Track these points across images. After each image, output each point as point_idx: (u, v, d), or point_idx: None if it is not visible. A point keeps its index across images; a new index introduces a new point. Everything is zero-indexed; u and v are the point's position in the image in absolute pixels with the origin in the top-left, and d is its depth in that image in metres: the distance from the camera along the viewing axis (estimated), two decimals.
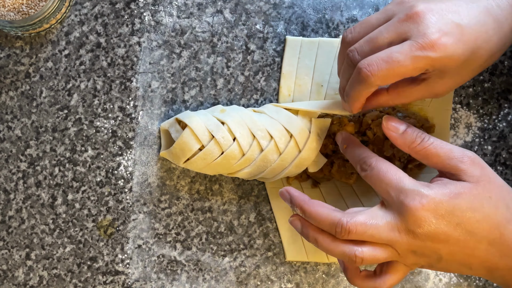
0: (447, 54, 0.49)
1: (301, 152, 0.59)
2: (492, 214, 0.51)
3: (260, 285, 0.65)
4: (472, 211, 0.51)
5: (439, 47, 0.49)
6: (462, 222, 0.51)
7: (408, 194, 0.51)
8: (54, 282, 0.64)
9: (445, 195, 0.51)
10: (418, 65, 0.50)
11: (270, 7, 0.65)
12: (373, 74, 0.50)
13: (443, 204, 0.50)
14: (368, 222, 0.51)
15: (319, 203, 0.54)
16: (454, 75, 0.52)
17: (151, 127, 0.64)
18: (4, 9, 0.60)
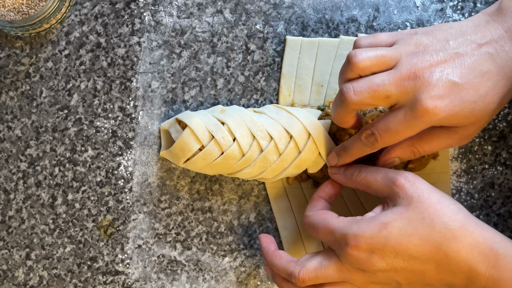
0: (442, 115, 0.50)
1: (301, 153, 0.59)
2: (428, 235, 0.51)
3: (260, 285, 0.65)
4: (407, 237, 0.51)
5: (433, 113, 0.50)
6: (400, 250, 0.51)
7: (339, 239, 0.53)
8: (54, 282, 0.64)
9: (374, 228, 0.52)
10: (415, 130, 0.52)
11: (270, 7, 0.65)
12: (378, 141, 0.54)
13: (374, 239, 0.51)
14: (318, 268, 0.54)
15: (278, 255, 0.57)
16: (471, 124, 0.53)
17: (151, 127, 0.64)
18: (4, 9, 0.60)
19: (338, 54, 0.64)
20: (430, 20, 0.65)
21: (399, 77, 0.51)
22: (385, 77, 0.51)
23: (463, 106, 0.51)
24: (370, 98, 0.52)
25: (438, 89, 0.50)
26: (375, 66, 0.52)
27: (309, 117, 0.60)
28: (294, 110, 0.61)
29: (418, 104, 0.50)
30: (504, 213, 0.64)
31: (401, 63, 0.52)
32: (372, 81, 0.52)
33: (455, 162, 0.64)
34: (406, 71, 0.51)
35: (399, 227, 0.51)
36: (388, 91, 0.51)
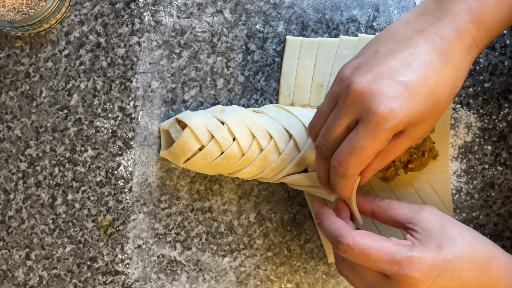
0: (402, 116, 0.48)
1: (301, 152, 0.59)
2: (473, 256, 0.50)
3: (260, 285, 0.65)
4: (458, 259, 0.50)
5: (390, 116, 0.48)
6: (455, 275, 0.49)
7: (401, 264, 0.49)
8: (54, 282, 0.64)
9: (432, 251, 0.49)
10: (381, 139, 0.49)
11: (270, 7, 0.65)
12: (349, 168, 0.50)
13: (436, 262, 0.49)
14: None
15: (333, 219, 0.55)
16: (427, 119, 0.51)
17: (151, 127, 0.64)
18: (4, 9, 0.60)
19: (338, 54, 0.64)
20: None
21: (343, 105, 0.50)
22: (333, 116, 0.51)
23: (417, 102, 0.49)
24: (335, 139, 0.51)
25: (387, 92, 0.48)
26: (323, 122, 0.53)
27: (310, 115, 0.60)
28: (294, 109, 0.61)
29: (372, 112, 0.48)
30: (504, 213, 0.64)
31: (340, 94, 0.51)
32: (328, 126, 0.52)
33: (455, 162, 0.64)
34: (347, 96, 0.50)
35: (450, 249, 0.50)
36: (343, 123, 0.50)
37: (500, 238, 0.65)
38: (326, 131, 0.52)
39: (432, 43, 0.50)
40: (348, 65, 0.52)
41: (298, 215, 0.65)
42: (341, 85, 0.51)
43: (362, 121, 0.49)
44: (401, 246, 0.50)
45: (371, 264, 0.50)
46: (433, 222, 0.51)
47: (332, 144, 0.52)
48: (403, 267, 0.49)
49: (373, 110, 0.48)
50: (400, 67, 0.49)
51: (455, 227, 0.51)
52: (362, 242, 0.50)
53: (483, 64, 0.65)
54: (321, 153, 0.53)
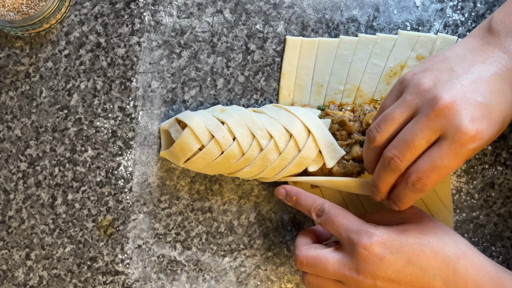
0: (486, 138, 0.49)
1: (301, 151, 0.59)
2: (440, 249, 0.51)
3: (260, 285, 0.65)
4: (421, 246, 0.51)
5: (477, 137, 0.48)
6: (413, 259, 0.51)
7: (357, 232, 0.52)
8: (54, 282, 0.64)
9: (392, 232, 0.52)
10: (463, 158, 0.49)
11: (270, 7, 0.65)
12: (428, 185, 0.50)
13: (391, 241, 0.51)
14: (320, 256, 0.54)
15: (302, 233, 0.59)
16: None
17: (151, 127, 0.64)
18: (4, 9, 0.60)
19: (338, 54, 0.64)
20: (430, 20, 0.65)
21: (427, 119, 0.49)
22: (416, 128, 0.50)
23: (496, 127, 0.50)
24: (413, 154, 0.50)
25: (473, 112, 0.49)
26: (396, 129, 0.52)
27: (310, 115, 0.60)
28: (294, 109, 0.61)
29: (460, 131, 0.48)
30: (504, 213, 0.64)
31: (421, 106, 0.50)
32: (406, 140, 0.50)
33: None
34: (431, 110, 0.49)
35: (415, 236, 0.51)
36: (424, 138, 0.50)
37: (500, 238, 0.65)
38: (404, 144, 0.50)
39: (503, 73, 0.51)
40: (425, 76, 0.51)
41: (298, 215, 0.65)
42: (424, 97, 0.50)
43: (446, 139, 0.49)
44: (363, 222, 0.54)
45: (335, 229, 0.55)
46: (413, 215, 0.54)
47: (409, 158, 0.51)
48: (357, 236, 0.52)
49: (462, 129, 0.48)
50: (480, 90, 0.49)
51: (433, 224, 0.53)
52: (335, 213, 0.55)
53: None
54: (392, 165, 0.52)
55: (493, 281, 0.50)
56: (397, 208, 0.55)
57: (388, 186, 0.54)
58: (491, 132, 0.49)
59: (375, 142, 0.53)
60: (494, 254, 0.65)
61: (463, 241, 0.53)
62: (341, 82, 0.64)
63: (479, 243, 0.64)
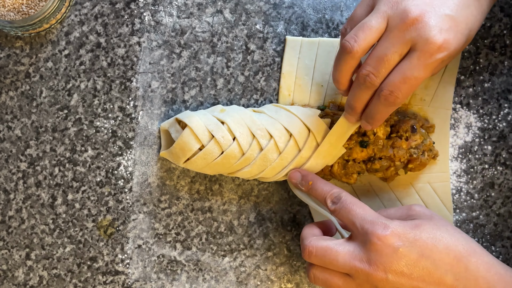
0: (452, 48, 0.51)
1: (301, 151, 0.59)
2: (453, 245, 0.51)
3: (260, 285, 0.65)
4: (434, 241, 0.51)
5: (444, 47, 0.50)
6: (426, 253, 0.50)
7: (372, 223, 0.52)
8: (54, 282, 0.64)
9: (407, 225, 0.51)
10: (432, 69, 0.51)
11: (270, 7, 0.65)
12: (399, 97, 0.52)
13: (406, 234, 0.51)
14: (330, 247, 0.53)
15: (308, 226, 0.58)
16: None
17: (151, 127, 0.64)
18: (4, 9, 0.60)
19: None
20: None
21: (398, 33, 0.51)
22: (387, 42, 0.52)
23: (461, 38, 0.52)
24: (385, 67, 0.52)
25: (441, 24, 0.50)
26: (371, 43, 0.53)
27: (310, 114, 0.60)
28: (293, 108, 0.61)
29: (429, 42, 0.50)
30: (504, 213, 0.64)
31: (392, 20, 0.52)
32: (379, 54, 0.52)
33: (455, 162, 0.64)
34: (401, 23, 0.51)
35: (429, 230, 0.51)
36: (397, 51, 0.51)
37: (500, 238, 0.65)
38: (378, 59, 0.52)
39: None
40: None
41: (298, 215, 0.65)
42: (395, 9, 0.52)
43: (416, 50, 0.51)
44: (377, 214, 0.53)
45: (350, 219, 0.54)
46: (424, 214, 0.54)
47: (383, 73, 0.52)
48: (372, 227, 0.51)
49: (431, 39, 0.50)
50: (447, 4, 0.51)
51: (444, 221, 0.53)
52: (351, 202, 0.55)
53: (483, 64, 0.65)
54: (367, 82, 0.53)
55: (503, 280, 0.50)
56: (369, 127, 0.56)
57: (363, 104, 0.55)
58: (457, 43, 0.51)
59: (352, 52, 0.53)
60: (494, 254, 0.65)
61: (473, 240, 0.53)
62: None
63: (479, 243, 0.64)
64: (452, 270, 0.50)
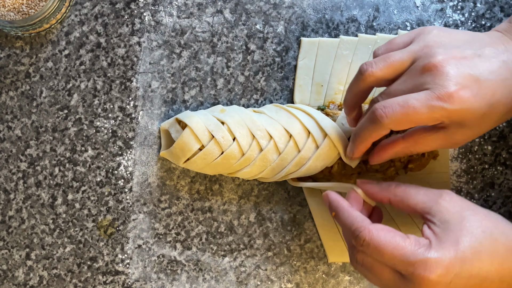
0: (463, 106, 0.48)
1: (300, 152, 0.59)
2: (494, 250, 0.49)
3: (260, 285, 0.65)
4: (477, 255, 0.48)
5: (456, 100, 0.48)
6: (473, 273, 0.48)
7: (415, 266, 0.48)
8: (54, 282, 0.64)
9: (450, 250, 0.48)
10: (434, 115, 0.49)
11: (270, 7, 0.65)
12: (388, 116, 0.50)
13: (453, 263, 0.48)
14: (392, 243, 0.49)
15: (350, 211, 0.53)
16: (473, 127, 0.51)
17: (151, 127, 0.64)
18: (4, 9, 0.60)
19: (338, 54, 0.64)
20: (430, 20, 0.65)
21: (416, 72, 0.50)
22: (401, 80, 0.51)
23: (481, 105, 0.49)
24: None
25: (461, 79, 0.49)
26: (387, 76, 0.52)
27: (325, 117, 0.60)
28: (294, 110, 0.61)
29: (442, 87, 0.48)
30: (504, 213, 0.64)
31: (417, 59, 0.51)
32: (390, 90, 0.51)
33: (455, 162, 0.64)
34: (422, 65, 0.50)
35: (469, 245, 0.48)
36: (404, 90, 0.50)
37: None
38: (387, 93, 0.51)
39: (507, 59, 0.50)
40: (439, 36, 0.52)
41: (298, 215, 0.65)
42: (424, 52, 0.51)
43: (428, 90, 0.49)
44: (418, 246, 0.48)
45: (386, 261, 0.49)
46: (452, 213, 0.50)
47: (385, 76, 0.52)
48: (418, 269, 0.47)
49: (446, 86, 0.48)
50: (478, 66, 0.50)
51: (476, 217, 0.50)
52: (379, 238, 0.49)
53: None
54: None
55: None
56: (351, 150, 0.56)
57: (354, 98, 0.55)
58: (473, 104, 0.49)
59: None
60: None
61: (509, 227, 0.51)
62: (341, 82, 0.64)
63: None
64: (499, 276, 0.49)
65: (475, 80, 0.49)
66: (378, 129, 0.52)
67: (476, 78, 0.49)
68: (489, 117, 0.50)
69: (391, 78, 0.52)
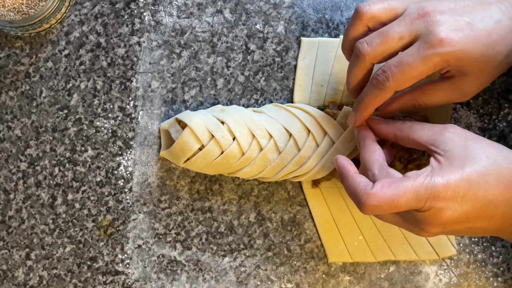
0: (456, 48, 0.49)
1: (300, 151, 0.59)
2: (498, 173, 0.49)
3: (260, 285, 0.65)
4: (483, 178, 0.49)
5: (447, 42, 0.49)
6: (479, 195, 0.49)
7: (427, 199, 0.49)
8: (54, 282, 0.64)
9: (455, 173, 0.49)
10: (429, 63, 0.50)
11: (270, 7, 0.65)
12: (389, 79, 0.51)
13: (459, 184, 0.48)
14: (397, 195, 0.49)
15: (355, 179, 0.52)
16: (477, 73, 0.52)
17: (151, 127, 0.64)
18: (4, 9, 0.60)
19: (338, 54, 0.64)
20: None
21: (409, 19, 0.51)
22: (394, 23, 0.52)
23: (476, 46, 0.50)
24: (383, 44, 0.51)
25: (452, 23, 0.50)
26: (382, 16, 0.53)
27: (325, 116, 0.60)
28: (293, 109, 0.61)
29: (432, 34, 0.49)
30: None
31: (409, 8, 0.52)
32: (382, 29, 0.52)
33: None
34: (415, 13, 0.51)
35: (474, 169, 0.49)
36: (399, 32, 0.51)
37: (500, 238, 0.65)
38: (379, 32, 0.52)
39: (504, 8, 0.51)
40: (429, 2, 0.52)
41: (298, 215, 0.65)
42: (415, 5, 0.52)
43: (418, 41, 0.50)
44: (422, 178, 0.49)
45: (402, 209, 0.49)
46: (456, 142, 0.51)
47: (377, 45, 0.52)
48: (430, 202, 0.48)
49: (434, 32, 0.49)
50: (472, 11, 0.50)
51: (479, 145, 0.51)
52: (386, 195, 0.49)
53: None
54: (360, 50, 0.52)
55: None
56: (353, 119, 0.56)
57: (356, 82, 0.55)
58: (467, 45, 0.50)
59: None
60: (494, 254, 0.65)
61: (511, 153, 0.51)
62: (341, 82, 0.64)
63: (479, 243, 0.64)
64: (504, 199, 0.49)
65: (467, 23, 0.50)
66: (381, 93, 0.53)
67: (468, 22, 0.50)
68: (489, 60, 0.51)
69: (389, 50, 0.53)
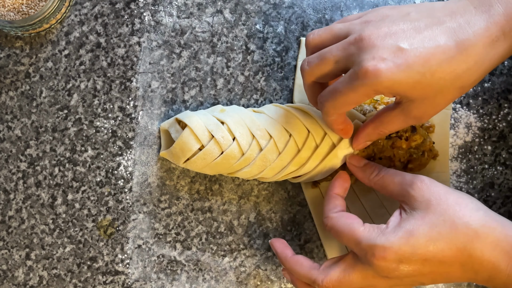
0: (383, 79, 0.48)
1: (300, 151, 0.59)
2: (453, 238, 0.50)
3: (260, 285, 0.65)
4: (433, 242, 0.50)
5: (373, 73, 0.48)
6: (428, 257, 0.51)
7: (366, 250, 0.52)
8: (54, 282, 0.64)
9: (401, 238, 0.51)
10: (359, 92, 0.50)
11: (270, 7, 0.65)
12: (325, 105, 0.53)
13: (402, 250, 0.51)
14: (342, 276, 0.54)
15: (297, 261, 0.57)
16: (421, 99, 0.50)
17: (151, 127, 0.64)
18: (4, 9, 0.60)
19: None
20: None
21: (346, 42, 0.50)
22: (334, 46, 0.52)
23: (409, 74, 0.48)
24: (320, 65, 0.52)
25: (382, 51, 0.48)
26: (327, 41, 0.53)
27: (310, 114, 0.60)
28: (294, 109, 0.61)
29: (361, 63, 0.48)
30: (504, 213, 0.64)
31: (353, 32, 0.51)
32: (322, 51, 0.52)
33: (455, 162, 0.64)
34: (353, 37, 0.50)
35: (425, 233, 0.51)
36: (335, 55, 0.51)
37: None
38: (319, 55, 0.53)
39: (456, 27, 0.49)
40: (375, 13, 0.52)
41: (298, 215, 0.65)
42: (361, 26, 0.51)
43: (351, 68, 0.50)
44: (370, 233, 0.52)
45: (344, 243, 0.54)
46: (420, 202, 0.52)
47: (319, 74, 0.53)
48: (367, 254, 0.51)
49: (362, 62, 0.49)
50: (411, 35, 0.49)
51: (441, 207, 0.51)
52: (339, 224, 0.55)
53: None
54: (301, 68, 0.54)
55: (508, 257, 0.50)
56: None
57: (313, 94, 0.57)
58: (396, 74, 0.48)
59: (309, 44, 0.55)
60: None
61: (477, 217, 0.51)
62: None
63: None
64: (459, 261, 0.51)
65: (399, 50, 0.48)
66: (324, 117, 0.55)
67: (400, 48, 0.48)
68: (428, 86, 0.49)
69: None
